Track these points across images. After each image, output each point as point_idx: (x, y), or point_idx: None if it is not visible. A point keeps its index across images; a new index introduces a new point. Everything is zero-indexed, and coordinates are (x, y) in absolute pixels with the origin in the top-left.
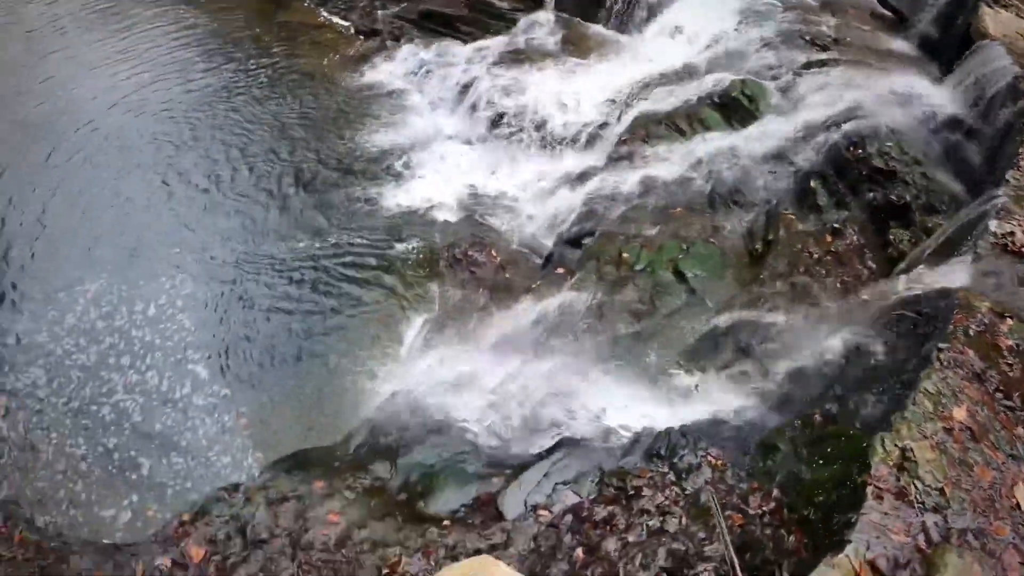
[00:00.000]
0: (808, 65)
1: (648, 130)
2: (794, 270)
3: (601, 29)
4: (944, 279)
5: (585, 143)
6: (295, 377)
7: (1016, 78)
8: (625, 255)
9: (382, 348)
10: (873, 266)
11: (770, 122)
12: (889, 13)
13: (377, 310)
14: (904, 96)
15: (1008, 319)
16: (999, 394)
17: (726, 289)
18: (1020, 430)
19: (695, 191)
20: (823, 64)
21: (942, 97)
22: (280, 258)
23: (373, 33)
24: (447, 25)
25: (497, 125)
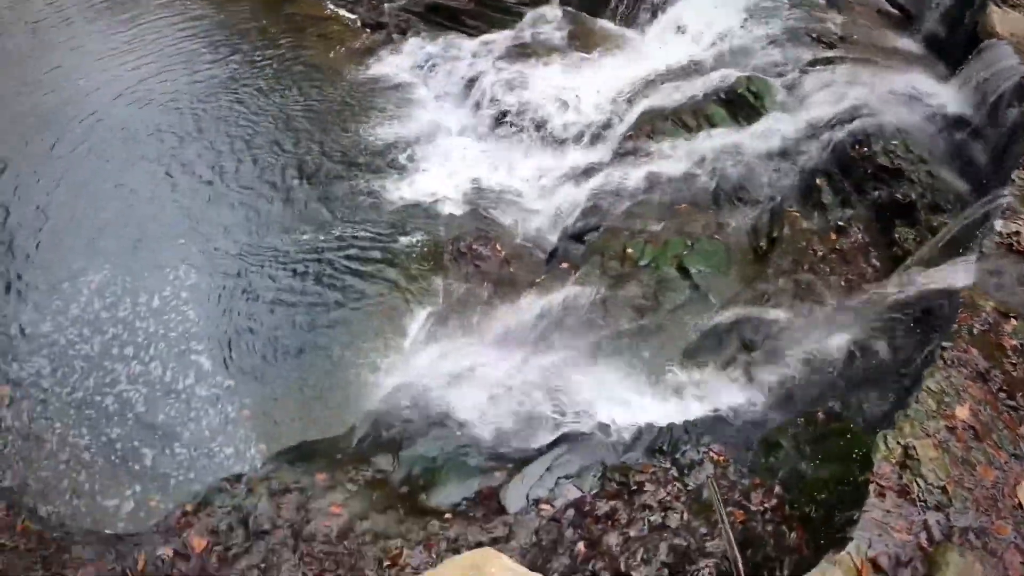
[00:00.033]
0: (814, 63)
1: (654, 126)
2: (798, 267)
3: (608, 24)
4: (949, 278)
5: (590, 138)
6: (298, 369)
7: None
8: (629, 251)
9: (385, 341)
10: (877, 264)
11: (775, 119)
12: (896, 11)
13: (381, 303)
14: (910, 94)
15: (1012, 319)
16: (1002, 393)
17: (730, 286)
18: (1023, 430)
19: (700, 187)
20: (829, 62)
21: (948, 96)
22: (284, 250)
23: (379, 26)
24: (453, 19)
25: (502, 120)
